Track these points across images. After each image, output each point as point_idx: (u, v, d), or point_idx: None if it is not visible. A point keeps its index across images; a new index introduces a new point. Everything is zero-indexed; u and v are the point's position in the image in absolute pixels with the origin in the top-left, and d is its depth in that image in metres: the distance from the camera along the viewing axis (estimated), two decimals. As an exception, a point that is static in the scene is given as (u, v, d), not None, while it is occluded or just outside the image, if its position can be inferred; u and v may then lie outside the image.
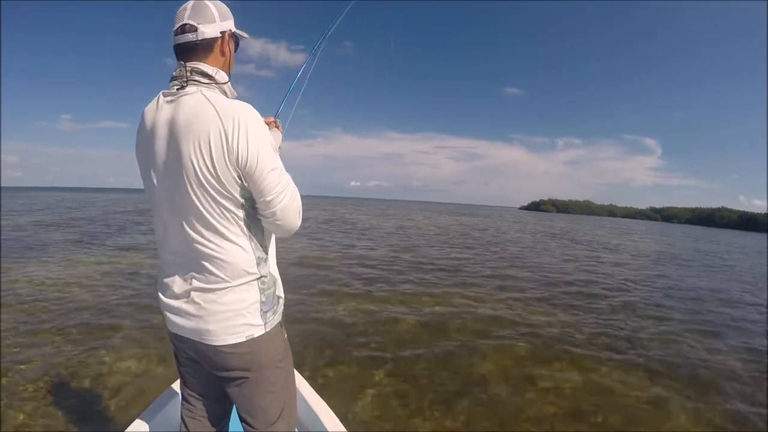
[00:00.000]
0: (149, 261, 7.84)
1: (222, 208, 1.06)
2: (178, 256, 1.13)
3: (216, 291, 1.09)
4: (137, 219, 17.44)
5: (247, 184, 1.06)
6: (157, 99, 1.11)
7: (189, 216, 1.07)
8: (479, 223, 29.30)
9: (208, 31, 1.10)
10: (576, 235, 23.78)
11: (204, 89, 1.07)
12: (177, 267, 1.14)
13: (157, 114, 1.08)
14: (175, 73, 1.10)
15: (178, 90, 1.07)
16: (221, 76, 1.14)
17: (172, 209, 1.10)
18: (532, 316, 5.53)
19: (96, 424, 2.59)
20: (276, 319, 1.21)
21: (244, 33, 1.23)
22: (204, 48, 1.11)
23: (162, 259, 1.19)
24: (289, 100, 1.69)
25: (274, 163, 1.07)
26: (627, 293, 7.54)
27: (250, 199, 1.10)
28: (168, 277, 1.16)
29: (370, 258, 9.74)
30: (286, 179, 1.11)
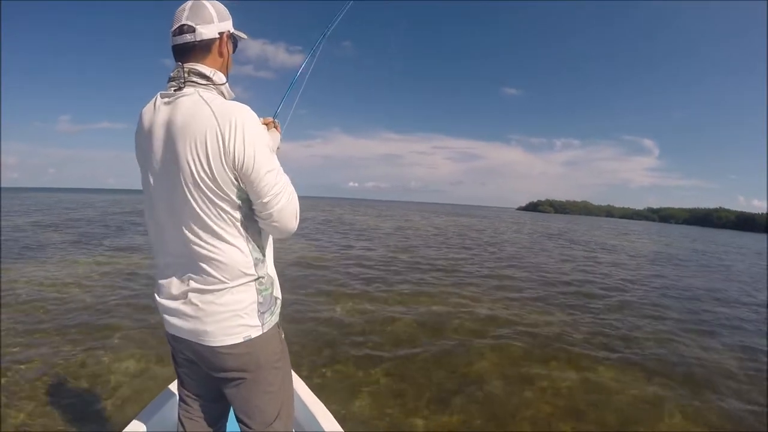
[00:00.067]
0: (148, 261, 7.82)
1: (219, 209, 1.06)
2: (176, 258, 1.13)
3: (213, 292, 1.09)
4: (136, 220, 17.40)
5: (243, 186, 1.06)
6: (155, 100, 1.11)
7: (186, 217, 1.07)
8: (477, 224, 29.32)
9: (206, 32, 1.10)
10: (573, 235, 23.81)
11: (201, 90, 1.07)
12: (174, 268, 1.14)
13: (155, 115, 1.08)
14: (172, 74, 1.10)
15: (176, 91, 1.07)
16: (219, 77, 1.14)
17: (169, 211, 1.10)
18: (529, 316, 5.54)
19: (94, 424, 2.59)
20: (273, 320, 1.21)
21: (242, 34, 1.23)
22: (202, 49, 1.11)
23: (159, 260, 1.19)
24: (287, 100, 1.70)
25: (271, 165, 1.07)
26: (624, 293, 7.55)
27: (247, 200, 1.09)
28: (165, 279, 1.16)
29: (367, 258, 9.74)
30: (283, 181, 1.10)
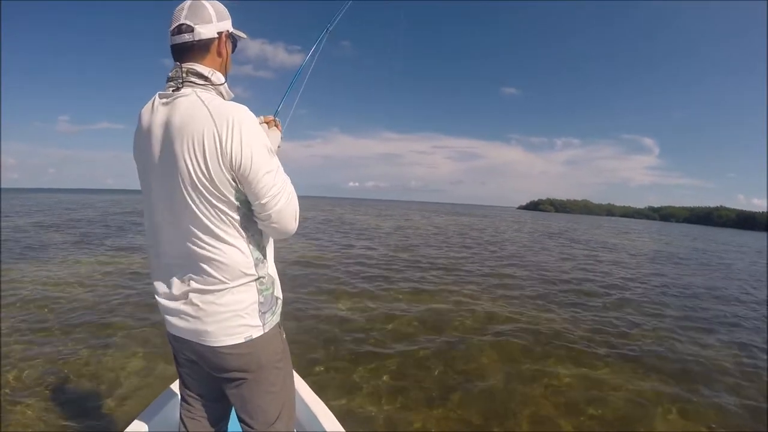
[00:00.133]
0: (148, 261, 7.82)
1: (217, 210, 1.05)
2: (176, 258, 1.13)
3: (214, 292, 1.09)
4: (136, 220, 17.40)
5: (241, 187, 1.05)
6: (153, 100, 1.10)
7: (185, 218, 1.06)
8: (477, 223, 29.31)
9: (205, 31, 1.09)
10: (574, 234, 23.80)
11: (199, 91, 1.07)
12: (175, 269, 1.14)
13: (153, 116, 1.08)
14: (170, 74, 1.10)
15: (174, 91, 1.07)
16: (217, 78, 1.13)
17: (169, 211, 1.09)
18: (529, 313, 5.55)
19: (96, 422, 2.59)
20: (274, 320, 1.21)
21: (241, 33, 1.22)
22: (201, 49, 1.11)
23: (159, 260, 1.18)
24: (288, 99, 1.69)
25: (270, 166, 1.06)
26: (624, 291, 7.55)
27: (245, 201, 1.09)
28: (166, 279, 1.16)
29: (368, 257, 9.74)
30: (281, 182, 1.09)
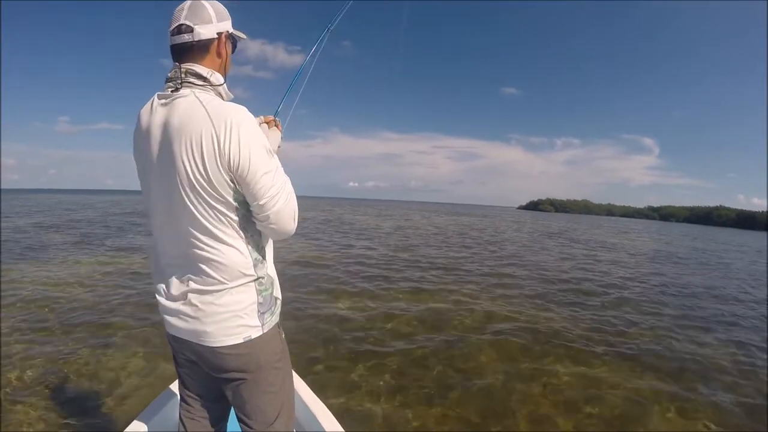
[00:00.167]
0: (149, 261, 7.83)
1: (216, 211, 1.05)
2: (175, 259, 1.13)
3: (213, 293, 1.09)
4: (136, 220, 17.40)
5: (240, 188, 1.05)
6: (152, 101, 1.10)
7: (184, 219, 1.06)
8: (477, 223, 29.31)
9: (205, 32, 1.09)
10: (574, 234, 23.80)
11: (198, 91, 1.06)
12: (174, 269, 1.14)
13: (152, 117, 1.08)
14: (169, 75, 1.10)
15: (173, 92, 1.06)
16: (216, 78, 1.13)
17: (167, 212, 1.09)
18: (527, 312, 5.57)
19: (96, 422, 2.59)
20: (273, 320, 1.21)
21: (241, 34, 1.22)
22: (200, 49, 1.10)
23: (159, 261, 1.19)
24: (288, 99, 1.68)
25: (268, 167, 1.05)
26: (623, 290, 7.57)
27: (244, 202, 1.08)
28: (165, 279, 1.16)
29: (368, 257, 9.74)
30: (279, 182, 1.08)
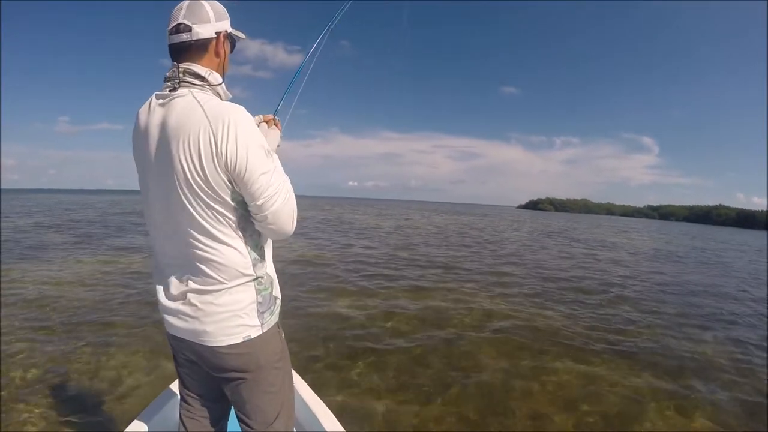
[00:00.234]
0: (149, 261, 7.83)
1: (214, 211, 1.04)
2: (174, 258, 1.13)
3: (212, 292, 1.08)
4: (136, 220, 17.39)
5: (237, 188, 1.05)
6: (150, 101, 1.10)
7: (182, 219, 1.06)
8: (477, 222, 29.31)
9: (203, 31, 1.09)
10: (574, 233, 23.80)
11: (195, 91, 1.06)
12: (173, 269, 1.13)
13: (150, 116, 1.08)
14: (168, 74, 1.09)
15: (170, 92, 1.06)
16: (214, 78, 1.12)
17: (166, 212, 1.09)
18: (527, 311, 5.59)
19: (95, 424, 2.58)
20: (273, 319, 1.20)
21: (240, 34, 1.21)
22: (198, 48, 1.10)
23: (158, 261, 1.18)
24: (288, 98, 1.68)
25: (265, 167, 1.05)
26: (622, 288, 7.58)
27: (242, 202, 1.08)
28: (165, 279, 1.15)
29: (367, 256, 9.75)
30: (277, 182, 1.07)
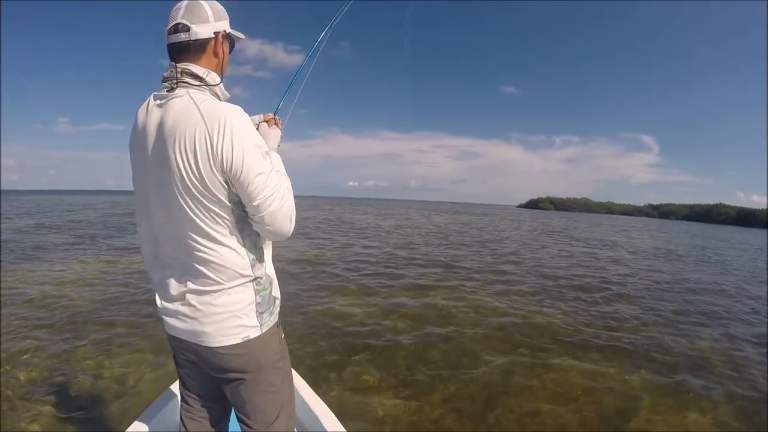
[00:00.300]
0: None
1: (211, 212, 1.04)
2: (173, 259, 1.13)
3: (211, 293, 1.08)
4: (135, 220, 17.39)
5: (234, 189, 1.04)
6: (148, 102, 1.10)
7: (180, 220, 1.06)
8: (477, 222, 29.30)
9: (202, 31, 1.08)
10: (574, 232, 23.79)
11: (192, 92, 1.06)
12: (172, 270, 1.13)
13: (148, 117, 1.07)
14: (165, 75, 1.09)
15: (168, 92, 1.06)
16: (212, 78, 1.12)
17: (165, 213, 1.09)
18: (526, 309, 5.61)
19: (95, 424, 2.58)
20: (272, 320, 1.20)
21: (239, 34, 1.21)
22: (197, 48, 1.10)
23: (157, 261, 1.18)
24: (288, 97, 1.68)
25: (262, 167, 1.04)
26: (621, 287, 7.59)
27: (239, 203, 1.07)
28: (164, 280, 1.15)
29: (368, 255, 9.76)
30: (274, 183, 1.05)
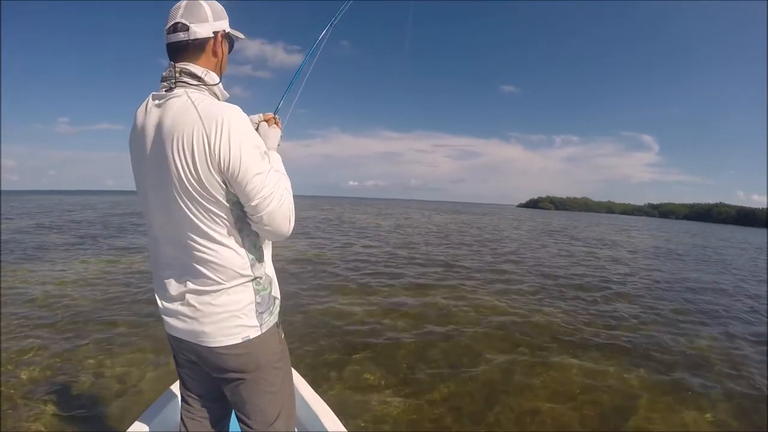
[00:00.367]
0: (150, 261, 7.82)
1: (209, 212, 1.04)
2: (173, 259, 1.13)
3: (210, 293, 1.08)
4: (136, 221, 17.38)
5: (232, 189, 1.04)
6: (147, 102, 1.09)
7: (179, 220, 1.06)
8: (477, 221, 29.29)
9: (201, 30, 1.08)
10: (573, 231, 23.79)
11: (191, 91, 1.05)
12: (172, 270, 1.13)
13: (146, 117, 1.07)
14: (164, 74, 1.09)
15: (167, 92, 1.05)
16: (211, 78, 1.11)
17: (164, 213, 1.09)
18: (525, 307, 5.62)
19: (97, 423, 2.59)
20: (272, 319, 1.20)
21: (239, 33, 1.20)
22: (196, 48, 1.09)
23: (157, 261, 1.18)
24: (288, 97, 1.68)
25: (260, 167, 1.03)
26: (621, 286, 7.60)
27: (237, 202, 1.07)
28: (164, 280, 1.15)
29: (368, 255, 9.76)
30: (272, 183, 1.05)
